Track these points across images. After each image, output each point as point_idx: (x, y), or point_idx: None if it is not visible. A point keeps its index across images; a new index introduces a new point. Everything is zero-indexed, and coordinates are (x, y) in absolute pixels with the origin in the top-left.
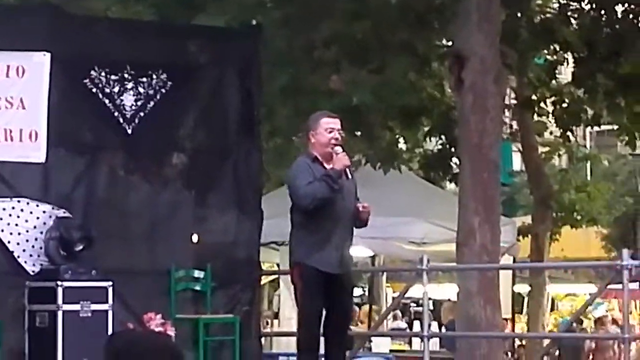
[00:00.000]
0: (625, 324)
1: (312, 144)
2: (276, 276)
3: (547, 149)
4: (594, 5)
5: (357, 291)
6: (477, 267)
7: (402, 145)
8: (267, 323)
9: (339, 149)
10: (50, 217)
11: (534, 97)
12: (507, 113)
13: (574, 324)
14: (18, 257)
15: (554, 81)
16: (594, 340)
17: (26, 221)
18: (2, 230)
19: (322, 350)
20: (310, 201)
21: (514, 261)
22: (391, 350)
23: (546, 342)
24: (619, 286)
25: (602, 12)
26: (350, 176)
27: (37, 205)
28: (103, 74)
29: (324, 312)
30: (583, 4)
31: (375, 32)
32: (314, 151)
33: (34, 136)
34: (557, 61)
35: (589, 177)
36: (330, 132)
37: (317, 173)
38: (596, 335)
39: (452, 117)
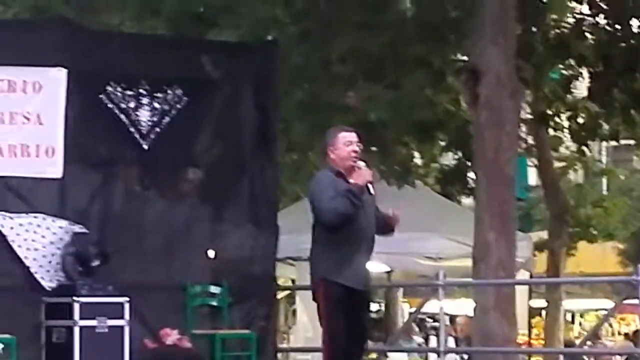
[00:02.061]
0: None
1: (332, 160)
2: (292, 291)
3: (563, 163)
4: (609, 20)
5: (373, 306)
6: (493, 283)
7: (417, 160)
8: (284, 338)
9: (361, 163)
10: (66, 232)
11: (549, 111)
12: (522, 128)
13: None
14: (35, 272)
15: (569, 96)
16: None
17: (43, 237)
18: (19, 246)
19: None
20: (333, 216)
21: (530, 276)
22: None
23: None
24: (636, 301)
25: (618, 26)
26: (372, 192)
27: (54, 221)
28: (119, 89)
29: None
30: (598, 19)
31: (391, 47)
32: (336, 166)
33: (50, 152)
34: (572, 76)
35: (605, 192)
36: (349, 145)
37: (340, 188)
38: (612, 350)
39: (468, 131)
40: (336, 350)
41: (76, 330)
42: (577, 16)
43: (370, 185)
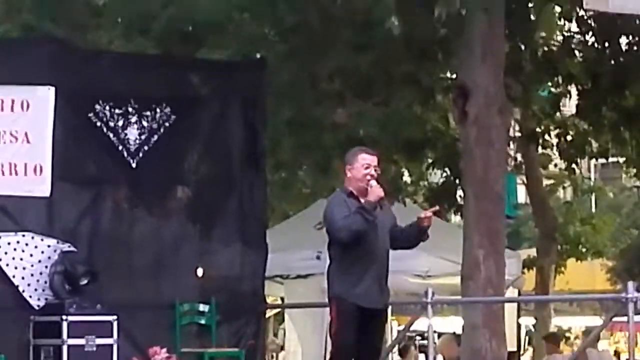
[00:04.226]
0: (631, 357)
1: (348, 179)
2: (281, 310)
3: (551, 181)
4: (598, 38)
5: None
6: (482, 300)
7: (406, 178)
8: (272, 357)
9: (373, 182)
10: (55, 251)
11: (538, 129)
12: (511, 145)
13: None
14: (23, 291)
15: (558, 113)
16: None
17: (31, 255)
18: (7, 265)
19: None
20: (346, 234)
21: (519, 294)
22: None
23: None
24: (625, 319)
25: (606, 44)
26: (382, 207)
27: (42, 240)
28: (107, 107)
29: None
30: (587, 37)
31: (379, 64)
32: (350, 186)
33: (38, 170)
34: (561, 93)
35: (594, 210)
36: (367, 168)
37: (353, 207)
38: None
39: (457, 149)
40: None
41: (64, 349)
42: (566, 34)
43: (382, 202)
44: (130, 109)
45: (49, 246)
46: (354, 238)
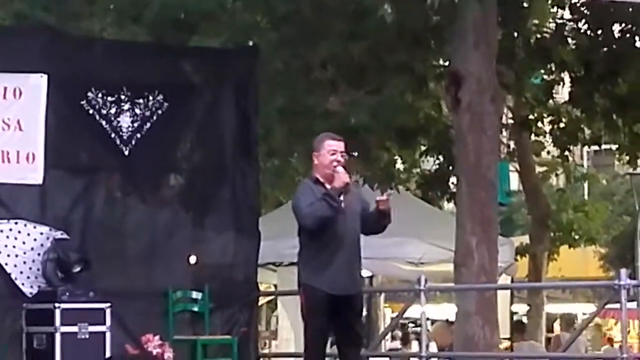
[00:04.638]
0: (624, 344)
1: (316, 166)
2: (274, 297)
3: (544, 168)
4: (590, 25)
5: None
6: (475, 287)
7: (399, 165)
8: (265, 344)
9: (340, 168)
10: (47, 238)
11: (531, 116)
12: (504, 133)
13: None
14: (15, 279)
15: (551, 101)
16: None
17: (23, 243)
18: (0, 252)
19: None
20: (311, 220)
21: (512, 281)
22: None
23: None
24: (617, 305)
25: (599, 31)
26: (347, 193)
27: (35, 227)
28: (100, 95)
29: (329, 333)
30: (580, 24)
31: (372, 52)
32: (317, 173)
33: (31, 158)
34: (554, 81)
35: (586, 197)
36: (333, 154)
37: (319, 194)
38: (594, 355)
39: (450, 136)
40: (313, 353)
41: (57, 336)
42: (559, 21)
43: (348, 188)
44: (122, 97)
45: (41, 234)
46: (319, 224)
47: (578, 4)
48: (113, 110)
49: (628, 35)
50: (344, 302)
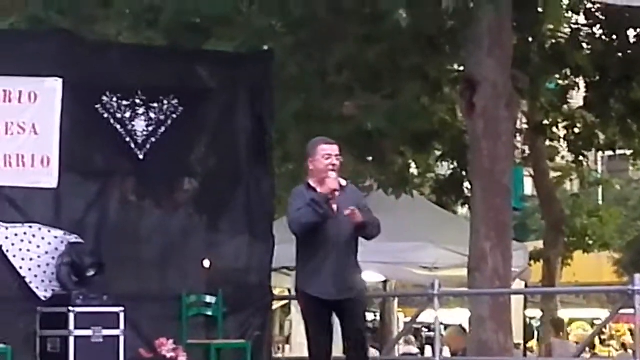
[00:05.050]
0: (638, 349)
1: (311, 171)
2: (288, 301)
3: (559, 173)
4: (605, 30)
5: (369, 316)
6: (488, 292)
7: (414, 170)
8: (279, 348)
9: (332, 173)
10: (62, 242)
11: (545, 121)
12: (518, 138)
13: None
14: (30, 282)
15: (565, 106)
16: None
17: (38, 247)
18: (14, 256)
19: None
20: (296, 227)
21: (526, 286)
22: None
23: None
24: (631, 311)
25: (614, 37)
26: (333, 198)
27: (49, 231)
28: (115, 99)
29: (331, 338)
30: (595, 29)
31: (387, 57)
32: (313, 177)
33: (46, 161)
34: (569, 86)
35: (600, 202)
36: (328, 158)
37: (308, 200)
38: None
39: (464, 141)
40: (315, 359)
41: (71, 340)
42: (574, 26)
43: (334, 195)
44: (137, 101)
45: (56, 237)
46: (304, 231)
47: (593, 9)
48: (128, 114)
49: None
50: (339, 306)
